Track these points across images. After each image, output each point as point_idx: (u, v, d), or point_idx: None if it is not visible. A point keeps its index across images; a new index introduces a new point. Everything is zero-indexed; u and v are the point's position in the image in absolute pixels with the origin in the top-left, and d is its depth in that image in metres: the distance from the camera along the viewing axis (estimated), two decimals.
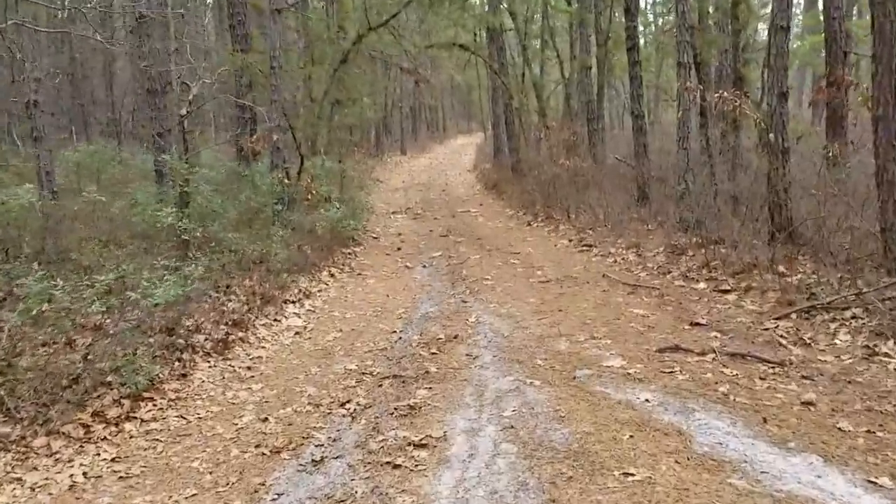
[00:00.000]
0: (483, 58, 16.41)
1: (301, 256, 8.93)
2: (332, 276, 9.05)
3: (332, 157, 15.47)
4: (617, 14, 16.49)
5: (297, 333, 6.72)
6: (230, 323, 6.51)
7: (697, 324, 6.39)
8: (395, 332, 6.60)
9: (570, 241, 10.83)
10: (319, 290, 8.28)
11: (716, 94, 8.47)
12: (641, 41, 32.26)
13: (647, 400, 4.52)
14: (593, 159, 14.93)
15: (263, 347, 6.27)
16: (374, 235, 12.39)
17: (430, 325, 6.68)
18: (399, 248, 11.22)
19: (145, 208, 8.32)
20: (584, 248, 10.10)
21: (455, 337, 6.21)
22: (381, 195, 18.83)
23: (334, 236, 10.15)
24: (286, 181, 9.54)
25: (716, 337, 5.91)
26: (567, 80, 18.38)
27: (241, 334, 6.36)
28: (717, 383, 4.80)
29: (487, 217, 14.40)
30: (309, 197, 9.43)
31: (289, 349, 6.26)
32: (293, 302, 7.58)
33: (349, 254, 10.49)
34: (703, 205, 9.78)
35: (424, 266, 9.88)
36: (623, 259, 9.16)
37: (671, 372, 5.06)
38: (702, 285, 7.64)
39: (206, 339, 5.98)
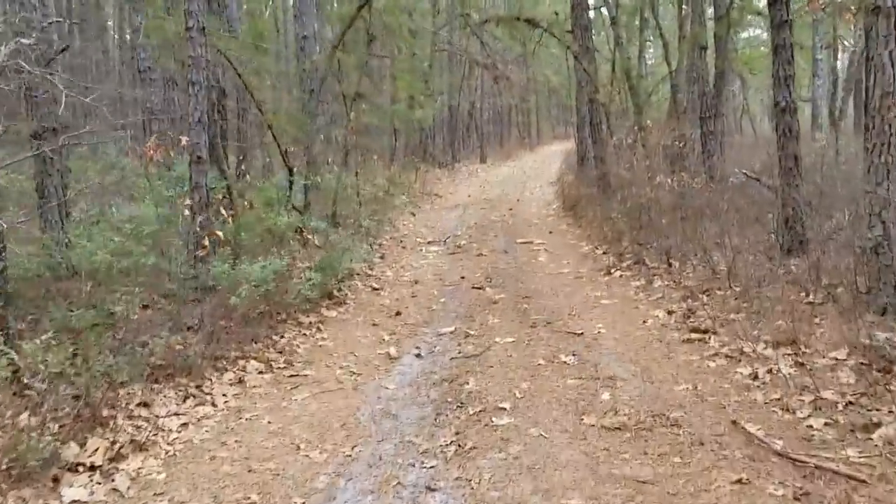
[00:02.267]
0: (556, 35, 12.28)
1: (190, 347, 5.17)
2: (240, 381, 5.23)
3: (354, 168, 11.81)
4: None
5: None
6: None
7: None
8: None
9: (670, 313, 6.57)
10: (184, 424, 4.46)
11: None
12: None
13: None
14: (708, 175, 10.52)
15: None
16: (376, 285, 8.51)
17: None
18: (399, 313, 7.30)
19: None
20: (695, 335, 5.85)
21: None
22: (428, 216, 14.97)
23: (274, 302, 6.34)
24: (188, 211, 5.80)
25: None
26: (674, 69, 13.91)
27: None
28: None
29: (552, 254, 10.25)
30: (204, 245, 5.62)
31: None
32: (93, 468, 3.80)
33: (308, 326, 6.65)
34: None
35: (418, 355, 5.92)
36: (769, 371, 4.88)
37: None
38: None
39: None
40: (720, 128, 12.07)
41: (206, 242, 5.41)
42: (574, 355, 5.59)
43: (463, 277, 8.92)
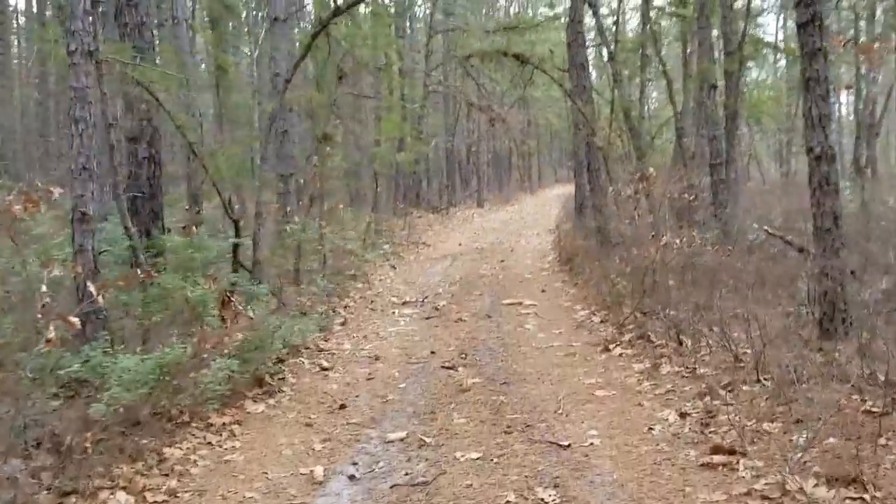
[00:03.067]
0: (547, 72, 11.08)
1: (26, 476, 3.76)
2: None
3: (320, 217, 10.52)
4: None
5: None
6: None
7: None
8: None
9: (683, 416, 5.14)
10: None
11: None
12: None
13: None
14: (721, 231, 9.17)
15: None
16: (326, 364, 7.08)
17: None
18: (343, 406, 5.86)
19: None
20: (717, 457, 4.39)
21: None
22: (411, 269, 13.61)
23: (173, 400, 4.94)
24: (44, 287, 4.44)
25: None
26: (680, 110, 12.68)
27: None
28: None
29: (543, 320, 8.86)
30: (49, 337, 4.19)
31: None
32: None
33: (219, 429, 5.21)
34: None
35: (352, 476, 4.49)
36: None
37: None
38: None
39: None
40: (733, 175, 10.74)
41: (52, 332, 4.03)
42: (556, 487, 4.14)
43: (433, 352, 7.49)
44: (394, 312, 9.65)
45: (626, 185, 9.70)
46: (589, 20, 18.74)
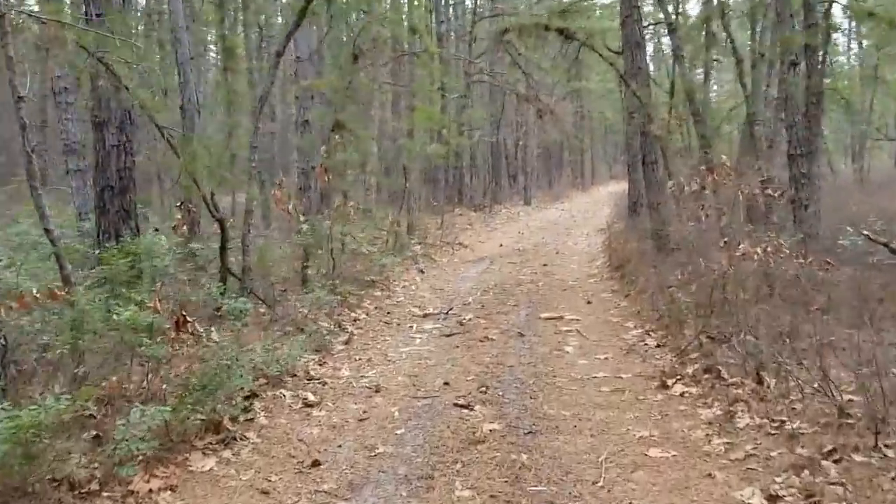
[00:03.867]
0: (597, 49, 9.57)
1: None
2: None
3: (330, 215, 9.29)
4: None
5: None
6: None
7: None
8: None
9: (774, 500, 3.66)
10: None
11: None
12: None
13: None
14: (805, 234, 7.56)
15: None
16: (313, 397, 5.77)
17: None
18: (317, 464, 4.54)
19: None
20: None
21: None
22: (441, 274, 12.28)
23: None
24: None
25: None
26: (750, 92, 11.00)
27: None
28: None
29: (586, 341, 7.41)
30: None
31: None
32: None
33: (141, 500, 3.94)
34: None
35: None
36: None
37: None
38: None
39: None
40: (816, 169, 9.05)
41: None
42: None
43: (447, 383, 6.12)
44: (411, 327, 8.32)
45: (688, 179, 8.13)
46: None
